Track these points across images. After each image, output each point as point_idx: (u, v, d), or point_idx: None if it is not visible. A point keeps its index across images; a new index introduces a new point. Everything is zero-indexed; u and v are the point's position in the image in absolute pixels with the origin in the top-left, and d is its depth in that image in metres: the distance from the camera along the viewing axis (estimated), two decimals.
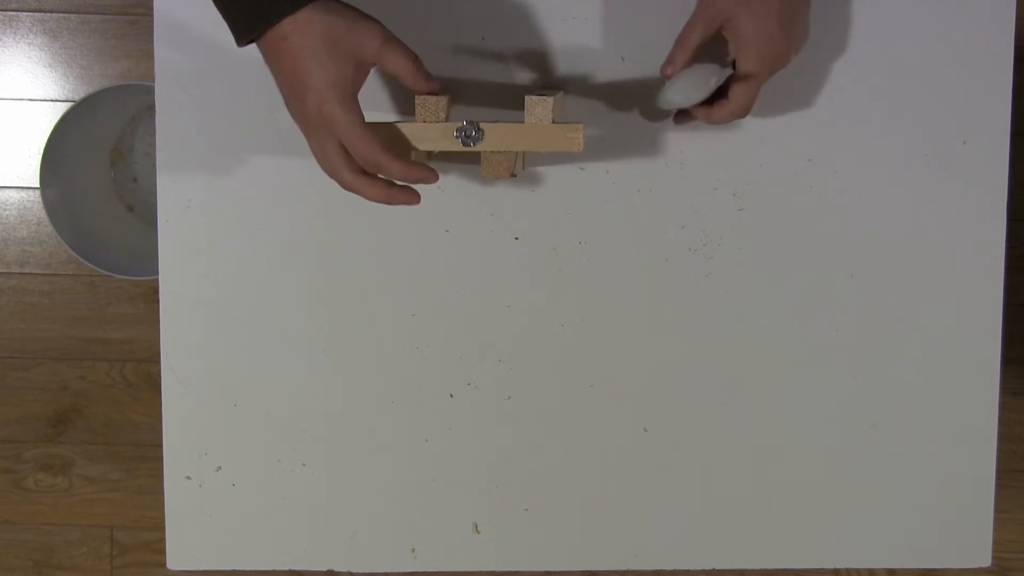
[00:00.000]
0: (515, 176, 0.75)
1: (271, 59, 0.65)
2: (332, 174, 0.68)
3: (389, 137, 0.71)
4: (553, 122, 0.71)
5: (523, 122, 0.71)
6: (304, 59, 0.63)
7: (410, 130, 0.71)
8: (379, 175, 0.68)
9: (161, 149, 0.83)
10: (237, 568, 0.88)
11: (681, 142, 0.83)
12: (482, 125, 0.70)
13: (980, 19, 0.82)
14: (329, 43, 0.64)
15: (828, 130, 0.83)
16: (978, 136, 0.83)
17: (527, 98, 0.70)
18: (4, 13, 1.55)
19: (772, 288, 0.85)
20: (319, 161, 0.68)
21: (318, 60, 0.63)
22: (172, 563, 0.88)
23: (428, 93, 0.70)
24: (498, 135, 0.71)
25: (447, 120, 0.71)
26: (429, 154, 0.81)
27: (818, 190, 0.83)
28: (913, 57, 0.82)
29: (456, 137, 0.71)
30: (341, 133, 0.65)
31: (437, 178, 0.70)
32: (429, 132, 0.71)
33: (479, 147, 0.71)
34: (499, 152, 0.72)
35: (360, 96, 0.67)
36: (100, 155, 1.56)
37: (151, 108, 1.52)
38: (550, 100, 0.70)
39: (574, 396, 0.86)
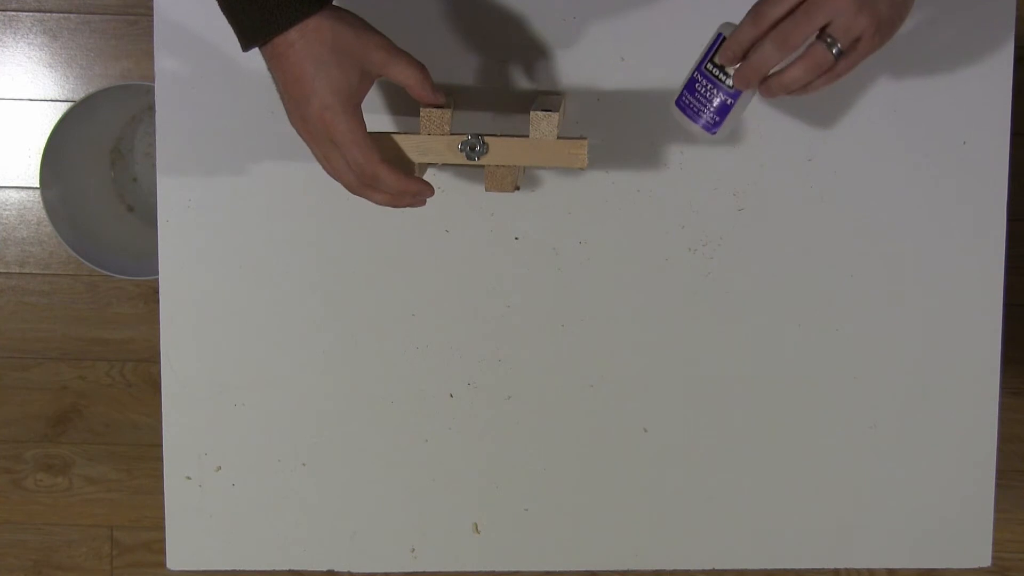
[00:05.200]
0: (518, 189, 0.75)
1: (275, 64, 0.65)
2: (337, 179, 0.68)
3: (391, 148, 0.71)
4: (558, 137, 0.71)
5: (526, 131, 0.71)
6: (310, 66, 0.63)
7: (414, 142, 0.71)
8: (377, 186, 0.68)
9: (161, 149, 0.83)
10: (237, 568, 0.88)
11: (681, 142, 0.83)
12: (487, 139, 0.70)
13: (980, 19, 0.82)
14: (336, 51, 0.64)
15: (828, 130, 0.83)
16: (978, 136, 0.83)
17: (532, 113, 0.70)
18: (4, 13, 1.55)
19: (772, 288, 0.85)
20: (323, 167, 0.68)
21: (324, 67, 0.63)
22: (172, 563, 0.88)
23: (433, 106, 0.70)
24: (502, 149, 0.71)
25: (451, 133, 0.71)
26: (431, 164, 0.81)
27: (818, 190, 0.83)
28: (913, 57, 0.82)
29: (460, 150, 0.71)
30: (341, 141, 0.65)
31: (433, 193, 0.70)
32: (433, 145, 0.71)
33: (483, 161, 0.71)
34: (503, 166, 0.72)
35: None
36: (100, 155, 1.55)
37: (151, 108, 1.52)
38: (555, 116, 0.70)
39: (574, 396, 0.86)
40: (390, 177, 0.67)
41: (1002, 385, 0.86)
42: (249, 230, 0.84)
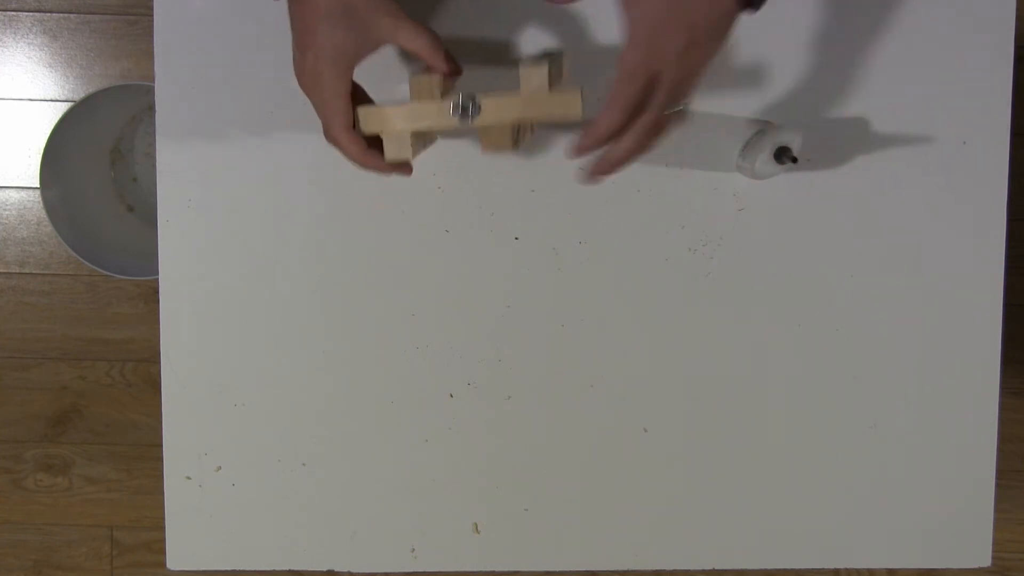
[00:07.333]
0: (518, 148, 0.73)
1: (293, 10, 0.67)
2: (322, 123, 0.70)
3: (387, 123, 0.70)
4: (551, 88, 0.68)
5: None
6: (318, 19, 0.65)
7: (404, 110, 0.70)
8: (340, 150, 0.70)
9: (161, 149, 0.83)
10: (237, 568, 0.88)
11: (681, 142, 0.83)
12: (479, 98, 0.69)
13: (980, 19, 0.82)
14: (348, 10, 0.65)
15: (828, 131, 0.83)
16: (978, 136, 0.83)
17: (521, 68, 0.68)
18: (4, 13, 1.55)
19: (772, 288, 0.85)
20: (315, 110, 0.70)
21: (331, 23, 0.65)
22: (172, 563, 0.88)
23: (450, 74, 0.70)
24: (495, 107, 0.69)
25: (442, 98, 0.69)
26: (428, 142, 0.79)
27: (818, 190, 0.83)
28: (913, 57, 0.82)
29: (453, 114, 0.69)
30: (323, 96, 0.67)
31: (390, 173, 0.72)
32: (424, 110, 0.69)
33: (476, 123, 0.69)
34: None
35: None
36: (100, 155, 1.56)
37: (151, 108, 1.52)
38: (545, 66, 0.68)
39: (574, 396, 0.86)
40: (349, 147, 0.69)
41: (1002, 385, 0.86)
42: (249, 230, 0.84)
